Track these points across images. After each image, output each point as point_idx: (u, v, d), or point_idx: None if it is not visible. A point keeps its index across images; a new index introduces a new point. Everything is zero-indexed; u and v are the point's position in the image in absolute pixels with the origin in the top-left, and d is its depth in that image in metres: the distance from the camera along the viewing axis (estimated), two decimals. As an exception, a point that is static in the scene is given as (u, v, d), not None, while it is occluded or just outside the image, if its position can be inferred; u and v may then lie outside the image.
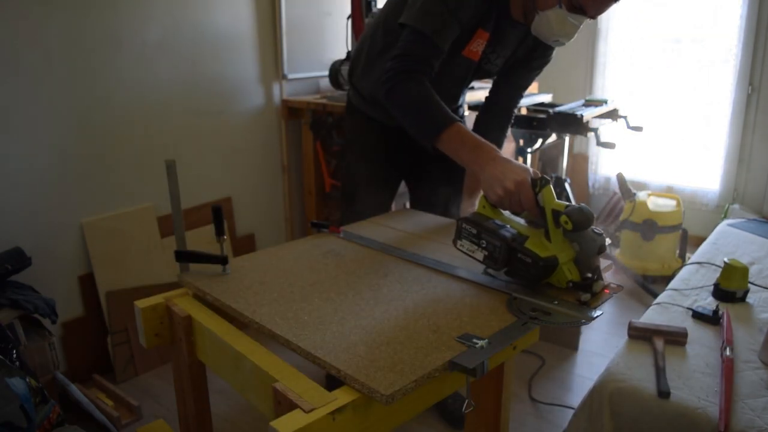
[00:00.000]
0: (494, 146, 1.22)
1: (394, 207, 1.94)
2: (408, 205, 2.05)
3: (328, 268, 1.21)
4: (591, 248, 1.04)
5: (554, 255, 1.04)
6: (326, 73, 2.80)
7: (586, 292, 1.04)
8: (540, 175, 1.10)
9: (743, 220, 2.47)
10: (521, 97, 1.76)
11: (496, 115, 1.75)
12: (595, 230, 1.05)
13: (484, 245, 1.11)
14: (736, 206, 3.28)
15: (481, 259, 1.12)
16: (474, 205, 1.58)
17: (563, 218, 1.01)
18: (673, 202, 3.10)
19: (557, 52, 1.60)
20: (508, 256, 1.07)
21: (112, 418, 1.85)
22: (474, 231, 1.13)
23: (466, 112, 2.94)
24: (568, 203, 1.05)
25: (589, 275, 1.04)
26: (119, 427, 1.86)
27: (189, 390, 1.15)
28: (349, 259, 1.27)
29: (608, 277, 1.16)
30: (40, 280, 2.00)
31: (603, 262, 1.14)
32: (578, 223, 1.00)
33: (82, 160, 2.12)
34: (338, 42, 2.99)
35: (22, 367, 1.66)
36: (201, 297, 1.14)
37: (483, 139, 1.24)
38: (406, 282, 1.16)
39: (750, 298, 1.69)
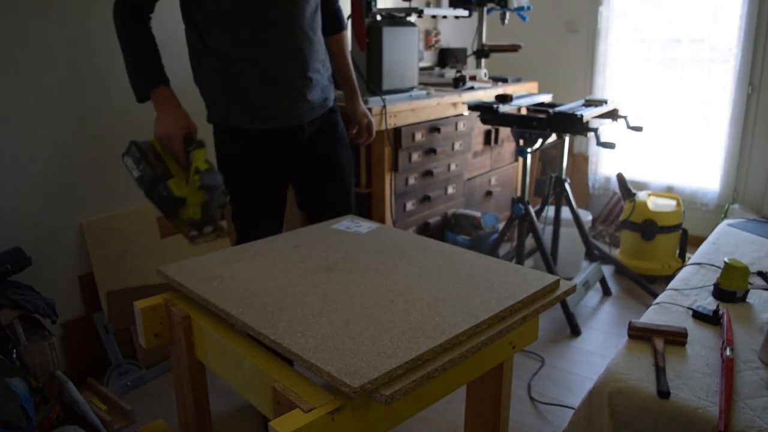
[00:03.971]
0: (172, 100, 1.45)
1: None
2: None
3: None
4: (215, 203, 1.40)
5: (184, 197, 1.36)
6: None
7: (197, 230, 1.40)
8: (196, 138, 1.43)
9: (743, 220, 2.47)
10: None
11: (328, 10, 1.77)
12: (224, 192, 1.41)
13: (141, 168, 1.37)
14: (736, 206, 3.28)
15: (135, 177, 1.39)
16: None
17: (197, 177, 1.36)
18: (673, 202, 3.10)
19: (558, 54, 1.60)
20: (152, 184, 1.35)
21: (105, 422, 1.84)
22: (138, 155, 1.38)
23: (465, 112, 2.94)
24: (210, 166, 1.38)
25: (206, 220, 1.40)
26: (111, 431, 1.86)
27: (189, 390, 1.15)
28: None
29: (607, 276, 1.17)
30: (40, 280, 2.00)
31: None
32: (205, 185, 1.37)
33: (82, 161, 2.12)
34: (338, 42, 2.97)
35: (22, 367, 1.66)
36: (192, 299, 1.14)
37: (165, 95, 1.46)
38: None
39: (750, 298, 1.69)
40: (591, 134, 2.46)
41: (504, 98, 2.66)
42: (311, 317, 0.96)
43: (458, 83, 3.05)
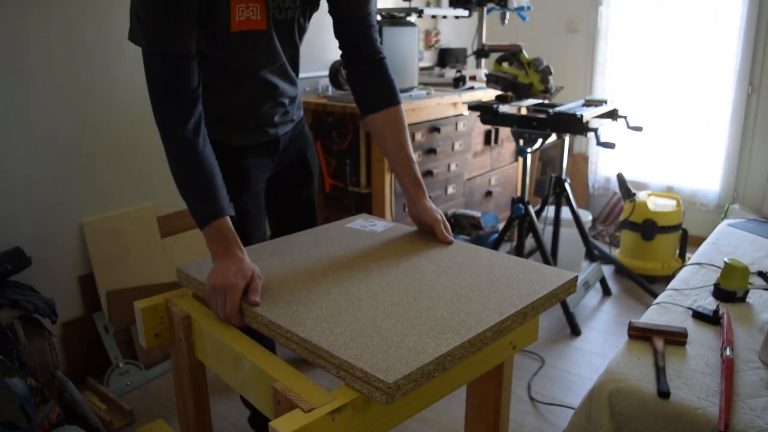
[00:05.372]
0: (236, 249, 1.10)
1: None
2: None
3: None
4: None
5: None
6: (326, 73, 2.80)
7: None
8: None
9: (743, 220, 2.47)
10: (372, 26, 1.42)
11: (366, 65, 1.43)
12: None
13: None
14: (736, 206, 3.28)
15: None
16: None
17: None
18: (673, 202, 3.10)
19: (558, 54, 1.59)
20: None
21: (105, 422, 1.84)
22: None
23: (465, 112, 2.94)
24: None
25: None
26: (111, 431, 1.86)
27: (189, 390, 1.15)
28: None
29: (607, 276, 1.17)
30: (40, 280, 2.00)
31: None
32: None
33: (82, 160, 2.12)
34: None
35: (22, 367, 1.66)
36: (201, 297, 1.14)
37: (229, 236, 1.11)
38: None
39: (750, 298, 1.69)
40: (591, 134, 2.46)
41: (504, 98, 2.66)
42: (337, 314, 0.96)
43: (458, 83, 3.05)
